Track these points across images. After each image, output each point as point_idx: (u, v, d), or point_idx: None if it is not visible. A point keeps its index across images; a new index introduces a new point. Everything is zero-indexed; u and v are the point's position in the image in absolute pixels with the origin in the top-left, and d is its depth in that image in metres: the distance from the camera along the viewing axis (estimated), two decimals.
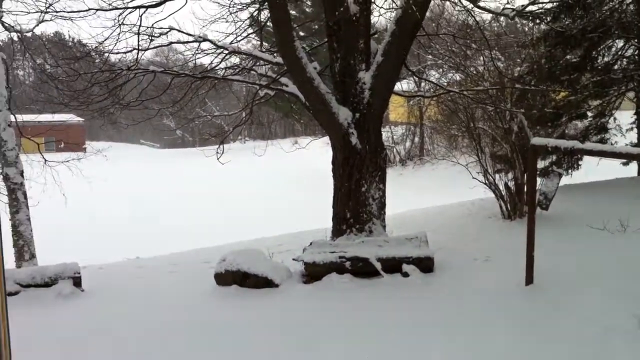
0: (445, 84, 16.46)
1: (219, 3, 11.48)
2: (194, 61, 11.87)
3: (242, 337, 5.78)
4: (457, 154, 14.88)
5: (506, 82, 11.21)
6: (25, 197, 12.92)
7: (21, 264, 12.57)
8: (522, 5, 9.80)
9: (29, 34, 14.94)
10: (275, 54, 11.04)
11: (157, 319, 6.59)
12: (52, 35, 18.49)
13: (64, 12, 12.19)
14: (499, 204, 11.13)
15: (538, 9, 12.01)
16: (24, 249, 12.81)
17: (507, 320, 5.73)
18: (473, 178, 11.46)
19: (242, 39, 12.39)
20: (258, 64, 11.87)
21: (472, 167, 11.75)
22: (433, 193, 22.59)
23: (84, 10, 9.92)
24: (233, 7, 11.49)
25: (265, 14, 11.67)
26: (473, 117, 11.76)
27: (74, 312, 6.98)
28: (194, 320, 6.42)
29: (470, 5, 9.93)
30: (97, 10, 9.72)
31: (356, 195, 8.73)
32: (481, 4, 9.36)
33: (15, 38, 14.91)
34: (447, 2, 12.72)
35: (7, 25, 13.73)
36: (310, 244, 8.23)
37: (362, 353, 5.20)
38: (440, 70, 20.42)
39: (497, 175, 11.29)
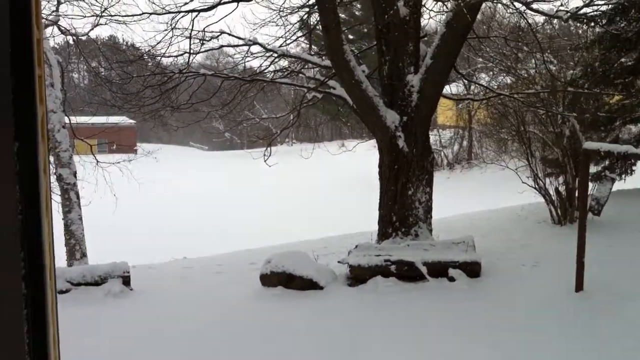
0: (495, 87, 16.24)
1: (269, 7, 11.61)
2: (243, 64, 12.05)
3: (287, 339, 5.81)
4: (506, 158, 14.68)
5: (558, 86, 11.01)
6: (78, 197, 13.19)
7: (72, 262, 12.82)
8: (577, 8, 9.60)
9: (84, 38, 15.37)
10: (323, 57, 11.10)
11: (203, 318, 6.67)
12: (106, 39, 18.95)
13: (119, 15, 12.52)
14: (549, 209, 10.93)
15: (593, 12, 11.75)
16: (75, 247, 13.06)
17: (556, 327, 5.61)
18: (522, 182, 11.29)
19: (291, 42, 12.52)
20: (306, 66, 11.96)
21: (521, 172, 11.57)
22: (481, 197, 22.29)
23: (138, 14, 10.17)
24: (283, 10, 11.61)
25: (314, 18, 11.75)
26: (523, 121, 11.58)
27: (123, 311, 7.11)
28: (239, 320, 6.49)
29: (522, 8, 9.79)
30: (150, 14, 9.94)
31: (402, 199, 8.69)
32: (534, 6, 9.22)
33: (71, 41, 15.35)
34: (499, 5, 12.56)
35: (63, 28, 14.14)
36: (356, 246, 8.23)
37: (407, 359, 5.17)
38: (491, 73, 20.18)
39: (547, 180, 11.11)
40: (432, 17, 16.31)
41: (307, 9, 11.80)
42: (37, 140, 1.22)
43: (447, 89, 18.78)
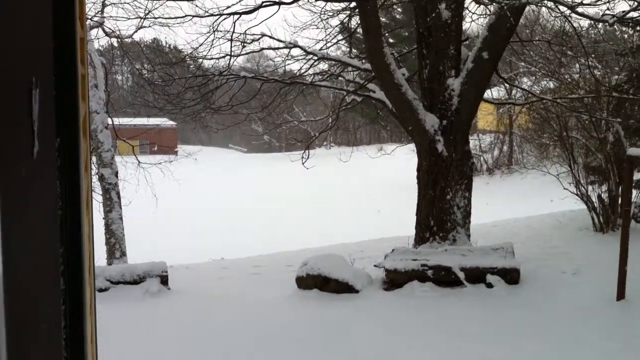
0: (537, 91, 15.98)
1: (310, 10, 11.65)
2: (283, 67, 12.10)
3: (322, 342, 5.80)
4: (548, 164, 14.43)
5: (603, 91, 10.78)
6: (119, 197, 13.36)
7: (112, 261, 12.99)
8: (623, 12, 9.39)
9: (128, 40, 15.63)
10: (363, 60, 11.08)
11: (238, 320, 6.71)
12: (149, 41, 19.27)
13: (162, 18, 12.70)
14: (591, 216, 10.71)
15: (639, 16, 11.47)
16: (115, 246, 13.24)
17: (596, 336, 5.48)
18: (564, 189, 11.10)
19: (332, 46, 12.52)
20: (346, 70, 11.96)
21: (563, 178, 11.38)
22: (521, 203, 21.93)
23: (180, 17, 10.29)
24: (324, 14, 11.62)
25: (355, 21, 11.74)
26: (566, 126, 11.39)
27: (160, 310, 7.20)
28: (274, 322, 6.50)
29: (567, 12, 9.62)
30: (193, 16, 10.05)
31: (441, 203, 8.62)
32: (579, 9, 9.04)
33: (115, 44, 15.62)
34: (543, 8, 12.38)
35: (107, 30, 14.40)
36: (392, 250, 8.18)
37: None
38: (533, 77, 19.87)
39: (589, 187, 10.89)
40: (474, 20, 16.11)
41: (348, 12, 11.81)
42: (78, 137, 1.24)
43: (488, 93, 18.58)
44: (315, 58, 10.84)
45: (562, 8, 9.53)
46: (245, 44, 10.61)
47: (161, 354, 5.72)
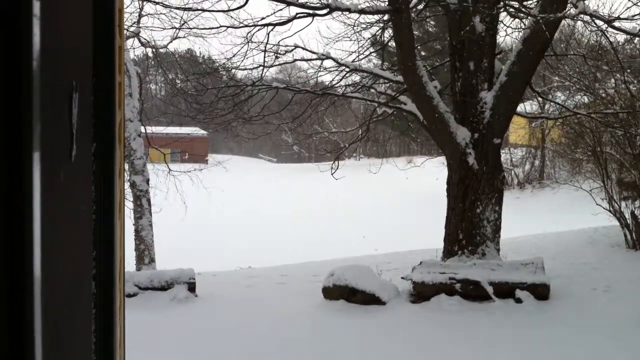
0: (571, 106, 15.79)
1: (344, 22, 11.68)
2: (315, 78, 12.14)
3: (347, 354, 5.77)
4: (580, 179, 14.23)
5: (638, 106, 10.61)
6: (149, 204, 13.49)
7: (141, 267, 13.09)
8: None
9: (163, 50, 15.85)
10: (395, 73, 11.07)
11: (264, 329, 6.71)
12: (184, 52, 19.52)
13: (197, 28, 12.84)
14: (623, 233, 10.55)
15: None
16: (144, 253, 13.36)
17: (628, 355, 5.37)
18: (597, 205, 10.93)
19: (364, 58, 12.54)
20: (378, 82, 11.95)
21: (595, 193, 11.20)
22: (552, 218, 21.63)
23: (215, 27, 10.38)
24: (357, 26, 11.64)
25: (388, 33, 11.74)
26: (600, 141, 11.23)
27: (187, 317, 7.23)
28: (300, 333, 6.49)
29: (604, 26, 9.50)
30: (228, 27, 10.13)
31: (470, 217, 8.54)
32: (616, 24, 8.92)
33: (150, 53, 15.84)
34: (579, 22, 12.23)
35: (143, 40, 14.62)
36: (420, 263, 8.12)
37: None
38: (567, 91, 19.63)
39: (623, 203, 10.72)
40: (509, 34, 15.98)
41: (381, 25, 11.81)
42: (114, 143, 1.26)
43: (520, 107, 18.41)
44: (347, 70, 10.86)
45: (599, 22, 9.42)
46: (278, 55, 10.67)
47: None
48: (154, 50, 15.21)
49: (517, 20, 11.07)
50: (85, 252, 1.17)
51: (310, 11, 9.28)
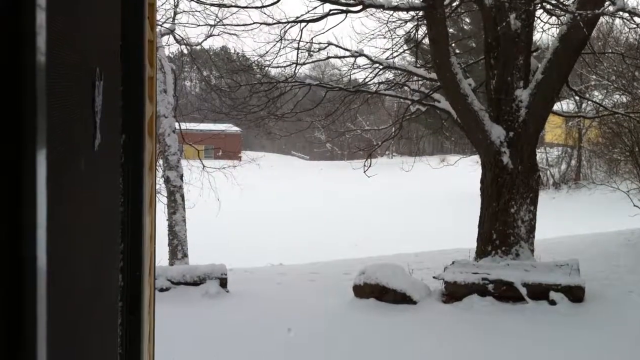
0: (609, 105, 15.47)
1: (378, 19, 11.61)
2: (348, 76, 12.10)
3: (378, 352, 5.74)
4: (618, 180, 13.94)
5: None
6: (183, 200, 13.59)
7: (174, 262, 13.21)
8: None
9: (198, 47, 15.96)
10: (429, 70, 10.97)
11: (294, 326, 6.70)
12: (218, 49, 19.62)
13: (231, 25, 12.90)
14: None
15: None
16: (177, 248, 13.47)
17: None
18: (634, 206, 10.69)
19: (397, 55, 12.45)
20: (411, 79, 11.86)
21: (633, 194, 10.96)
22: (588, 220, 21.22)
23: (249, 24, 10.42)
24: (391, 23, 11.57)
25: (422, 31, 11.65)
26: (638, 141, 10.98)
27: (218, 312, 7.27)
28: (330, 331, 6.48)
29: None
30: (261, 24, 10.16)
31: (504, 216, 8.42)
32: None
33: (185, 51, 15.96)
34: (617, 20, 11.98)
35: (178, 37, 14.74)
36: (453, 263, 8.03)
37: None
38: (605, 90, 19.25)
39: None
40: (545, 31, 15.74)
41: (415, 22, 11.71)
42: (143, 136, 1.25)
43: (557, 106, 18.12)
44: (381, 67, 10.79)
45: (638, 19, 9.21)
46: (311, 52, 10.66)
47: (216, 355, 5.77)
48: (188, 47, 15.33)
49: (554, 17, 10.88)
50: (111, 243, 1.16)
51: (344, 8, 9.25)
